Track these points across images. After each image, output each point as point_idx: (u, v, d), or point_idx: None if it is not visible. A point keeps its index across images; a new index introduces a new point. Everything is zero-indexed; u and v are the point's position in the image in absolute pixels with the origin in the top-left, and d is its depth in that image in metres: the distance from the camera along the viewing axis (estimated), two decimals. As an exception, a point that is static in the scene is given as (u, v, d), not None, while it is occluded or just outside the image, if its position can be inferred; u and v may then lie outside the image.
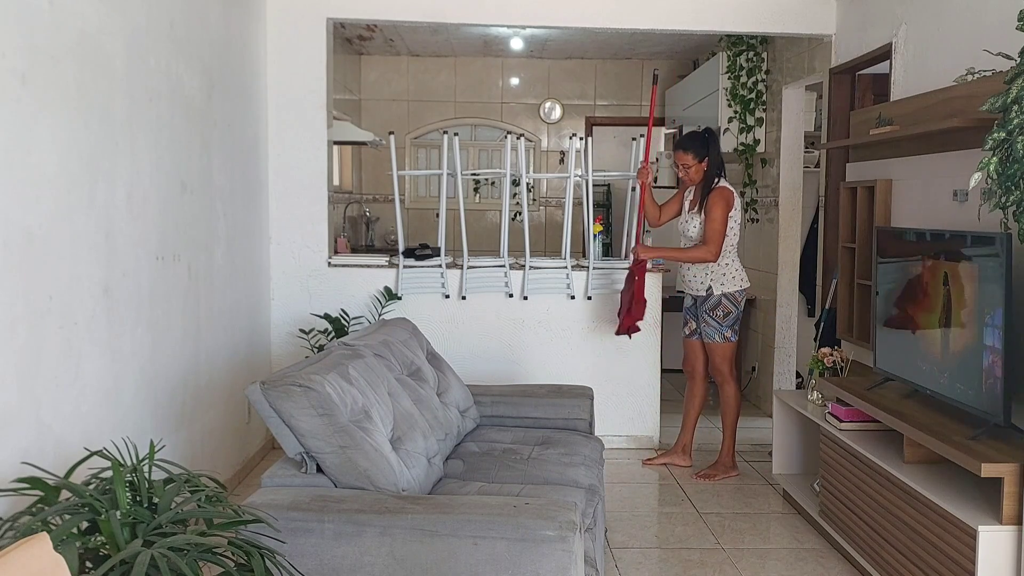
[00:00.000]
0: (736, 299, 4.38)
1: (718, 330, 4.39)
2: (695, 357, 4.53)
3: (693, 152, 4.30)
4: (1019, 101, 2.39)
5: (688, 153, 4.31)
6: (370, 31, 6.91)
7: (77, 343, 2.65)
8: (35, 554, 1.37)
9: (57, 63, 2.53)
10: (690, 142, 4.34)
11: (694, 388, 4.58)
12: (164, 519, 1.98)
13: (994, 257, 2.74)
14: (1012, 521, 2.53)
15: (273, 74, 4.75)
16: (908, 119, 3.71)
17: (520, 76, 8.12)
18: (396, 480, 2.52)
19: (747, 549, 3.55)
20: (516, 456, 3.15)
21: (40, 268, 2.45)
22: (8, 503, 2.20)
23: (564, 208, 5.00)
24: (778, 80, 5.67)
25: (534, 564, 2.19)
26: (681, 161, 4.33)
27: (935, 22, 3.75)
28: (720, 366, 4.44)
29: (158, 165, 3.26)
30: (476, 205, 8.12)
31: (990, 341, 2.76)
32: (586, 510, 2.72)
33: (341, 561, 2.24)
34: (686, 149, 4.32)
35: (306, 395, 2.50)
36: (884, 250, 3.52)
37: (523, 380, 4.81)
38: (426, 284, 4.88)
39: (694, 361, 4.55)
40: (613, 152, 8.13)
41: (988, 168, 2.47)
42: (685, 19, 4.89)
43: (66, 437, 2.58)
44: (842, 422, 3.51)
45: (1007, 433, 2.75)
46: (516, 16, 4.92)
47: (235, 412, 4.17)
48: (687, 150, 4.32)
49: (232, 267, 4.15)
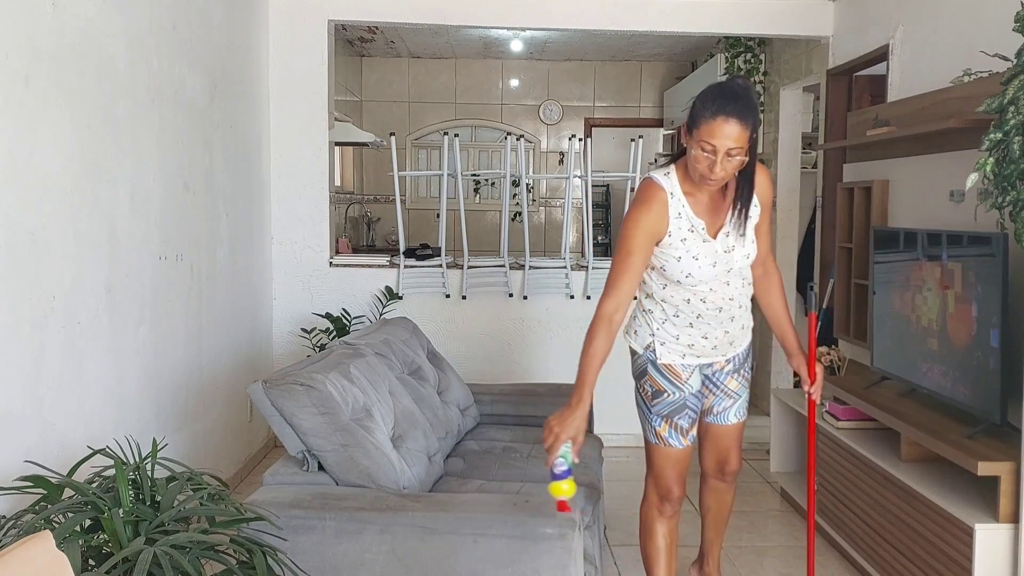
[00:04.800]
0: None
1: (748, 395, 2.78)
2: (683, 472, 2.68)
3: (752, 122, 2.29)
4: (1015, 102, 2.40)
5: (748, 126, 2.27)
6: (371, 33, 6.92)
7: (80, 342, 2.67)
8: (38, 552, 1.38)
9: (60, 64, 2.54)
10: (747, 108, 2.28)
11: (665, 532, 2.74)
12: (166, 517, 1.99)
13: (990, 257, 2.75)
14: (1009, 519, 2.55)
15: (275, 75, 4.77)
16: (905, 120, 3.73)
17: (520, 78, 8.14)
18: (397, 478, 2.54)
19: (745, 547, 3.57)
20: (516, 454, 3.16)
21: (43, 268, 2.46)
22: (11, 501, 2.22)
23: (563, 209, 5.02)
24: (776, 81, 5.68)
25: (534, 561, 2.20)
26: (737, 145, 2.27)
27: (932, 24, 3.77)
28: (739, 456, 2.82)
29: (160, 165, 3.27)
30: (476, 205, 8.14)
31: (987, 340, 2.77)
32: (585, 508, 2.74)
33: (342, 559, 2.26)
34: (745, 120, 2.26)
35: (308, 394, 2.51)
36: (881, 250, 3.54)
37: (523, 379, 4.83)
38: (427, 284, 4.90)
39: (680, 480, 2.68)
40: (612, 153, 8.16)
41: (985, 168, 2.48)
42: (683, 21, 4.90)
43: (69, 435, 2.59)
44: (839, 421, 3.52)
45: (1004, 432, 2.76)
46: (516, 18, 4.94)
47: (237, 411, 4.18)
48: (747, 121, 2.27)
49: (234, 267, 4.17)
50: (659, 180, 2.46)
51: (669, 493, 2.68)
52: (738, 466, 2.81)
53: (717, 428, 2.74)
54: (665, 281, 2.53)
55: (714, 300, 2.53)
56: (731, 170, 2.33)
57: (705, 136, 2.27)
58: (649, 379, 2.62)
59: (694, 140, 2.31)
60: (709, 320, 2.54)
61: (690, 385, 2.61)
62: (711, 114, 2.26)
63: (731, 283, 2.54)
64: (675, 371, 2.60)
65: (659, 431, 2.63)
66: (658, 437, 2.64)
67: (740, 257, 2.50)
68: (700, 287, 2.50)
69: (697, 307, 2.52)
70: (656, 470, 2.68)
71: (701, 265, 2.45)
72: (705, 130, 2.27)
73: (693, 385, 2.62)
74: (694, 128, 2.31)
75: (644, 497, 2.76)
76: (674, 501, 2.69)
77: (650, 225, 2.42)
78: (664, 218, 2.43)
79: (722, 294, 2.53)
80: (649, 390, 2.63)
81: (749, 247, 2.51)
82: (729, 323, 2.57)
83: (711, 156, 2.29)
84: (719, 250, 2.47)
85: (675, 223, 2.44)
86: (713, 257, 2.46)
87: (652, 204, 2.43)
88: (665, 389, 2.59)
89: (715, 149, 2.27)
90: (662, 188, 2.44)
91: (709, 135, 2.26)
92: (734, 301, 2.56)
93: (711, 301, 2.53)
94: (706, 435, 2.76)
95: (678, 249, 2.44)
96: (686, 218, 2.44)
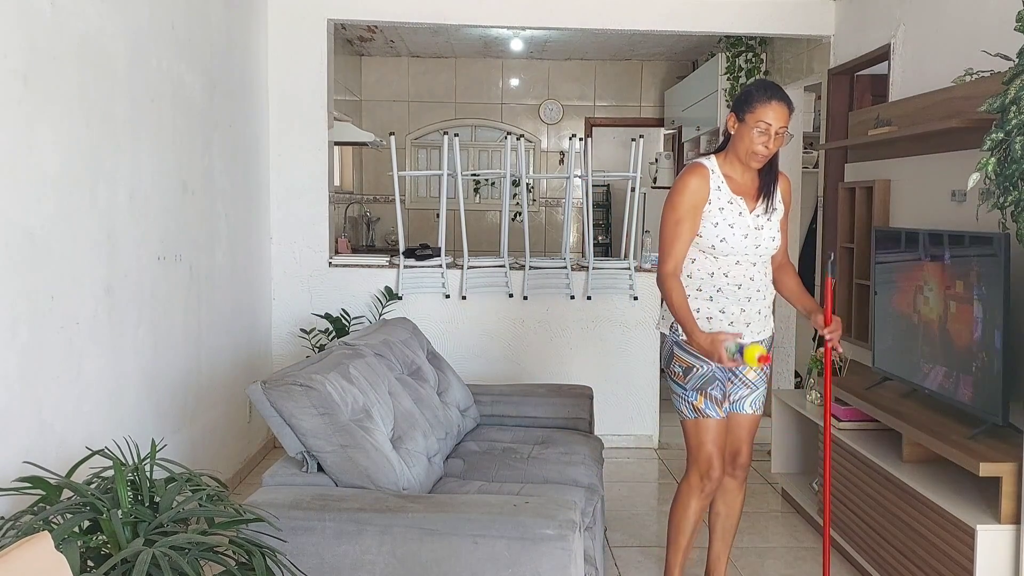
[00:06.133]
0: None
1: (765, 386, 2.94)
2: (722, 445, 2.85)
3: (792, 109, 2.73)
4: (1017, 102, 2.39)
5: (791, 110, 2.71)
6: (371, 32, 6.92)
7: (79, 343, 2.66)
8: (37, 553, 1.38)
9: (59, 64, 2.54)
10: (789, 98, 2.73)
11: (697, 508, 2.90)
12: (165, 518, 1.98)
13: (992, 257, 2.75)
14: (1010, 520, 2.54)
15: (274, 75, 4.76)
16: (906, 120, 3.72)
17: (520, 77, 8.13)
18: (397, 479, 2.53)
19: (746, 548, 3.56)
20: (516, 455, 3.16)
21: (42, 268, 2.46)
22: (10, 502, 2.21)
23: (564, 208, 5.02)
24: (777, 81, 5.68)
25: (534, 563, 2.19)
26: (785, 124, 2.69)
27: (933, 23, 3.76)
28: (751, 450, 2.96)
29: (159, 166, 3.27)
30: (476, 205, 8.13)
31: (988, 340, 2.77)
32: (586, 509, 2.73)
33: (342, 560, 2.25)
34: (790, 105, 2.71)
35: (307, 394, 2.50)
36: (882, 250, 3.53)
37: (523, 380, 4.82)
38: (426, 284, 4.89)
39: (720, 452, 2.84)
40: (612, 153, 8.16)
41: (986, 168, 2.48)
42: (684, 20, 4.90)
43: (68, 436, 2.59)
44: (841, 421, 3.51)
45: (1005, 432, 2.76)
46: (516, 17, 4.93)
47: (236, 411, 4.18)
48: (791, 106, 2.72)
49: (233, 267, 4.16)
50: (701, 160, 2.82)
51: (711, 468, 2.83)
52: (749, 460, 2.94)
53: (733, 417, 2.89)
54: (695, 254, 2.78)
55: (736, 276, 2.76)
56: (775, 148, 2.72)
57: (761, 116, 2.67)
58: (677, 360, 2.81)
59: (748, 123, 2.69)
60: (728, 295, 2.77)
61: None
62: (767, 98, 2.68)
63: (756, 264, 2.80)
64: None
65: (696, 404, 2.81)
66: (696, 410, 2.81)
67: (767, 237, 2.79)
68: (727, 260, 2.76)
69: (719, 281, 2.76)
70: (697, 444, 2.84)
71: (735, 233, 2.74)
72: (761, 111, 2.67)
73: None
74: (748, 112, 2.69)
75: (685, 478, 2.92)
76: (714, 480, 2.85)
77: (695, 193, 2.73)
78: (706, 187, 2.75)
79: (744, 272, 2.77)
80: (679, 370, 2.81)
81: (775, 230, 2.82)
82: (747, 303, 2.79)
83: (766, 134, 2.67)
84: (751, 225, 2.77)
85: (715, 194, 2.75)
86: (745, 230, 2.75)
87: (696, 175, 2.76)
88: (693, 364, 2.78)
89: (770, 127, 2.67)
90: (704, 165, 2.79)
91: (765, 115, 2.67)
92: (754, 282, 2.79)
93: (733, 276, 2.76)
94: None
95: (716, 216, 2.74)
96: (725, 192, 2.76)
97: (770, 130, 2.67)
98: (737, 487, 2.96)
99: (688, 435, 2.86)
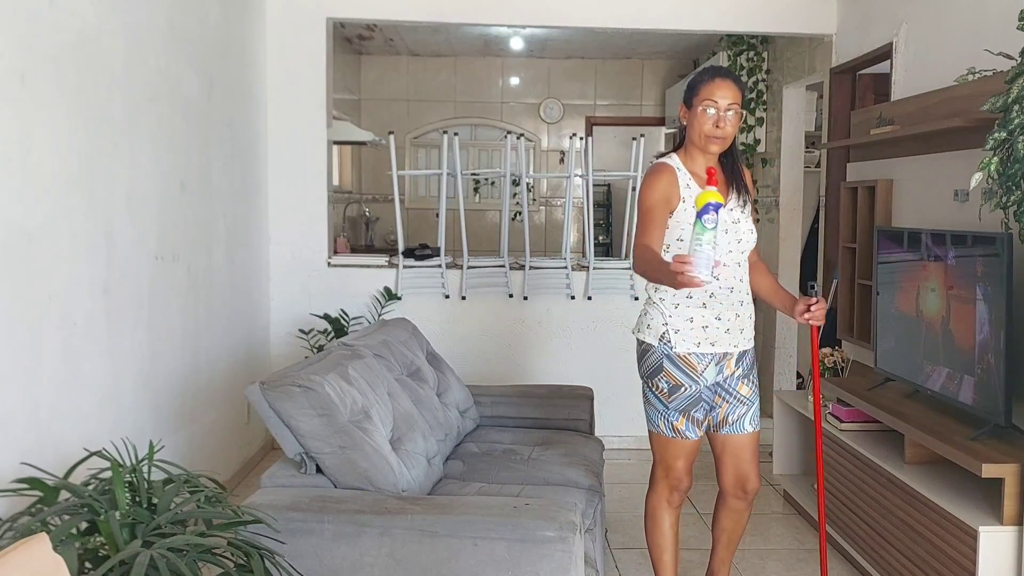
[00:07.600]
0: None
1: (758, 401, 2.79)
2: (693, 460, 2.77)
3: (740, 87, 2.64)
4: (1020, 101, 2.38)
5: (739, 87, 2.62)
6: (370, 31, 6.90)
7: (76, 343, 2.65)
8: (34, 555, 1.37)
9: (56, 63, 2.52)
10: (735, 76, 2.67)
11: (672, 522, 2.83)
12: (163, 520, 1.98)
13: (995, 257, 2.73)
14: (1013, 521, 2.53)
15: (273, 74, 4.74)
16: (909, 119, 3.71)
17: (520, 76, 8.12)
18: (396, 481, 2.52)
19: (748, 550, 3.55)
20: (516, 456, 3.14)
21: (39, 268, 2.44)
22: (7, 503, 2.20)
23: (564, 208, 5.00)
24: (778, 80, 5.66)
25: (534, 565, 2.18)
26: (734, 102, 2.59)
27: (936, 22, 3.75)
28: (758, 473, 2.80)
29: (157, 165, 3.25)
30: (476, 205, 8.12)
31: (991, 341, 2.75)
32: (586, 511, 2.72)
33: (341, 562, 2.24)
34: (736, 81, 2.63)
35: (306, 395, 2.49)
36: (885, 250, 3.52)
37: (523, 380, 4.81)
38: (426, 284, 4.87)
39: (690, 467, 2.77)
40: (613, 152, 8.13)
41: (989, 168, 2.47)
42: (685, 19, 4.88)
43: (65, 437, 2.57)
44: (843, 422, 3.50)
45: (1008, 433, 2.75)
46: (516, 15, 4.91)
47: (234, 412, 4.16)
48: (738, 83, 2.63)
49: (231, 267, 4.15)
50: (663, 160, 2.71)
51: (680, 483, 2.77)
52: (757, 484, 2.79)
53: (735, 440, 2.73)
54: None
55: (726, 278, 2.63)
56: (730, 130, 2.60)
57: (706, 95, 2.58)
58: (665, 375, 2.65)
59: (696, 107, 2.60)
60: (721, 300, 2.63)
61: (705, 378, 2.65)
62: (709, 77, 2.61)
63: (741, 264, 2.68)
64: (691, 363, 2.63)
65: (676, 425, 2.68)
66: (675, 431, 2.69)
67: (746, 230, 2.68)
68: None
69: (710, 286, 2.56)
70: (669, 461, 2.74)
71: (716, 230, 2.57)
72: (706, 91, 2.59)
73: (708, 378, 2.66)
74: (694, 96, 2.62)
75: (652, 489, 2.82)
76: (683, 491, 2.79)
77: (662, 189, 2.61)
78: (675, 186, 2.62)
79: (732, 273, 2.65)
80: (665, 387, 2.65)
81: (750, 223, 2.71)
82: (739, 307, 2.67)
83: (715, 113, 2.57)
84: (728, 220, 2.61)
85: (685, 192, 2.62)
86: (724, 225, 2.57)
87: (662, 174, 2.64)
88: (682, 383, 2.64)
89: (718, 105, 2.57)
90: (668, 164, 2.67)
91: (710, 93, 2.58)
92: (743, 284, 2.69)
93: (723, 279, 2.62)
94: (724, 450, 2.76)
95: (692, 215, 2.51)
96: (695, 189, 2.61)
97: (719, 107, 2.56)
98: (745, 507, 2.82)
99: (658, 449, 2.74)
